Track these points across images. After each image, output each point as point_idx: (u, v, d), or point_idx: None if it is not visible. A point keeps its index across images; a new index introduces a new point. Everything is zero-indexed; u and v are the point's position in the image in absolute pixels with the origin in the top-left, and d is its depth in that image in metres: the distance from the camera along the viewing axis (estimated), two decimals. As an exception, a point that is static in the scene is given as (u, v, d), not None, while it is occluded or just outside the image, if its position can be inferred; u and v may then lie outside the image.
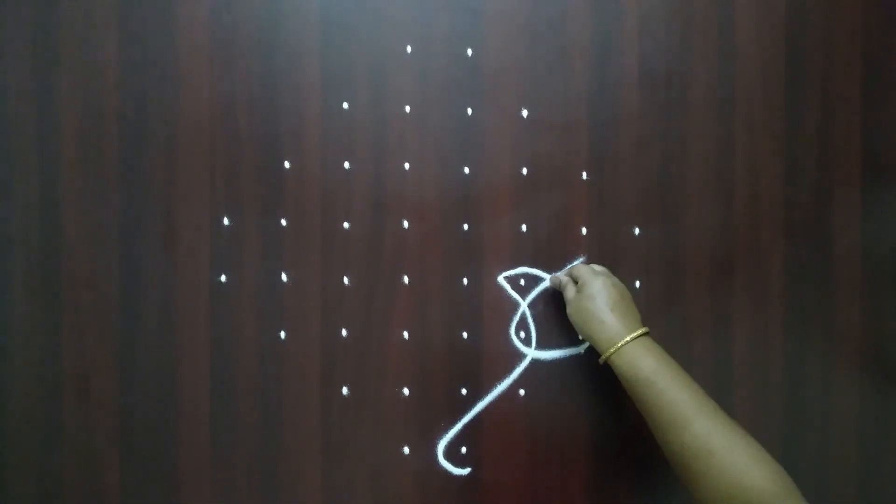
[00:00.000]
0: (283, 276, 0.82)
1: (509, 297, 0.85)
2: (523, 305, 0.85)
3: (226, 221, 0.82)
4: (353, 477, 0.83)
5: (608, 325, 0.74)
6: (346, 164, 0.83)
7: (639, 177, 0.87)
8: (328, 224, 0.83)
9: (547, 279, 0.86)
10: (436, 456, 0.84)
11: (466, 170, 0.84)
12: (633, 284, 0.87)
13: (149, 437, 0.81)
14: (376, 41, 0.83)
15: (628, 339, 0.72)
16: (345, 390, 0.83)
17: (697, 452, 0.65)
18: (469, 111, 0.84)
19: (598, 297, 0.76)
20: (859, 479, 0.90)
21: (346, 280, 0.83)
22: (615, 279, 0.79)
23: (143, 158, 0.81)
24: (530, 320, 0.85)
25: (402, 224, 0.84)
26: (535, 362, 0.85)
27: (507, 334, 0.85)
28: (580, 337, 0.81)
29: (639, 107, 0.87)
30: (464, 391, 0.85)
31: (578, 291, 0.78)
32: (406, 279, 0.84)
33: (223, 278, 0.82)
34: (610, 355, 0.73)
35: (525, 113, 0.85)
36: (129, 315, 0.81)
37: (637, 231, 0.87)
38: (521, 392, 0.85)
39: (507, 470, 0.85)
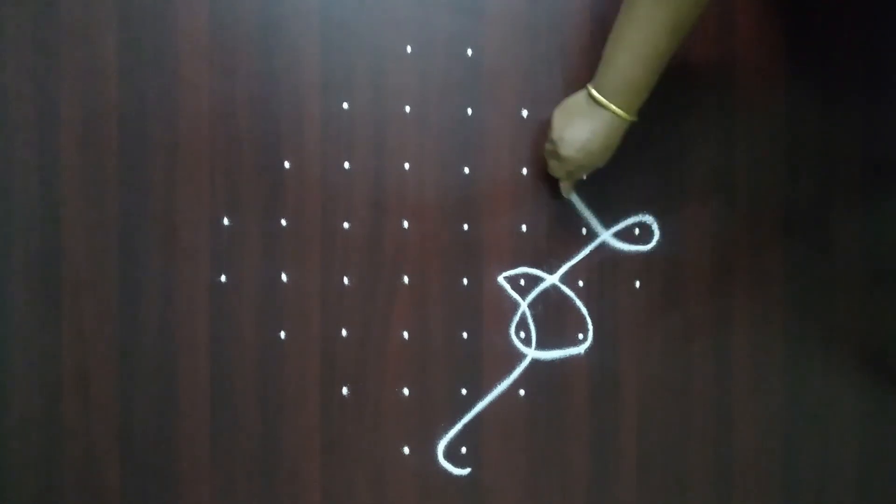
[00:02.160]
0: (283, 276, 0.82)
1: (509, 297, 0.85)
2: (523, 305, 0.85)
3: (226, 221, 0.82)
4: (353, 477, 0.83)
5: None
6: (346, 164, 0.83)
7: (639, 177, 0.87)
8: (328, 224, 0.83)
9: (547, 279, 0.86)
10: (436, 456, 0.84)
11: (466, 170, 0.84)
12: (634, 284, 0.87)
13: (149, 437, 0.81)
14: (376, 41, 0.83)
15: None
16: (345, 390, 0.83)
17: None
18: (469, 111, 0.84)
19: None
20: (859, 480, 0.90)
21: (346, 280, 0.83)
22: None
23: (143, 158, 0.81)
24: (530, 320, 0.85)
25: (402, 224, 0.84)
26: (535, 362, 0.85)
27: (507, 334, 0.85)
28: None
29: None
30: (464, 391, 0.85)
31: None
32: (406, 279, 0.84)
33: (223, 278, 0.82)
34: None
35: (525, 113, 0.85)
36: (129, 315, 0.81)
37: (637, 231, 0.87)
38: (521, 392, 0.85)
39: (507, 470, 0.85)
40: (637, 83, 0.72)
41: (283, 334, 0.82)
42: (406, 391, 0.84)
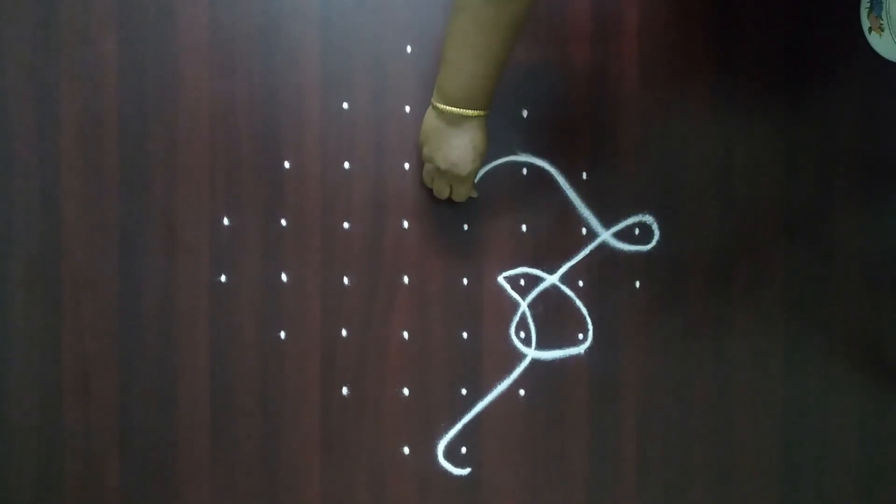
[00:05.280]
0: (283, 276, 0.82)
1: (509, 297, 0.85)
2: (523, 305, 0.85)
3: (226, 221, 0.82)
4: (353, 477, 0.83)
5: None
6: (346, 164, 0.83)
7: (639, 177, 0.87)
8: (328, 224, 0.83)
9: (547, 279, 0.86)
10: (436, 456, 0.84)
11: (466, 170, 0.84)
12: (634, 284, 0.87)
13: (149, 437, 0.81)
14: (376, 41, 0.83)
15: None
16: (345, 390, 0.83)
17: None
18: (469, 111, 0.84)
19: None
20: (859, 480, 0.90)
21: (346, 280, 0.83)
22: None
23: (143, 158, 0.81)
24: (530, 320, 0.85)
25: (402, 224, 0.84)
26: (535, 362, 0.85)
27: (507, 334, 0.85)
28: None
29: (639, 107, 0.87)
30: (464, 391, 0.85)
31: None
32: (406, 279, 0.84)
33: (223, 278, 0.82)
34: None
35: (525, 113, 0.85)
36: (129, 315, 0.81)
37: (637, 232, 0.87)
38: (521, 392, 0.85)
39: (507, 470, 0.85)
40: (481, 81, 0.71)
41: (283, 334, 0.82)
42: (406, 391, 0.84)
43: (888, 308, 0.90)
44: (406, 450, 0.84)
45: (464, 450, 0.84)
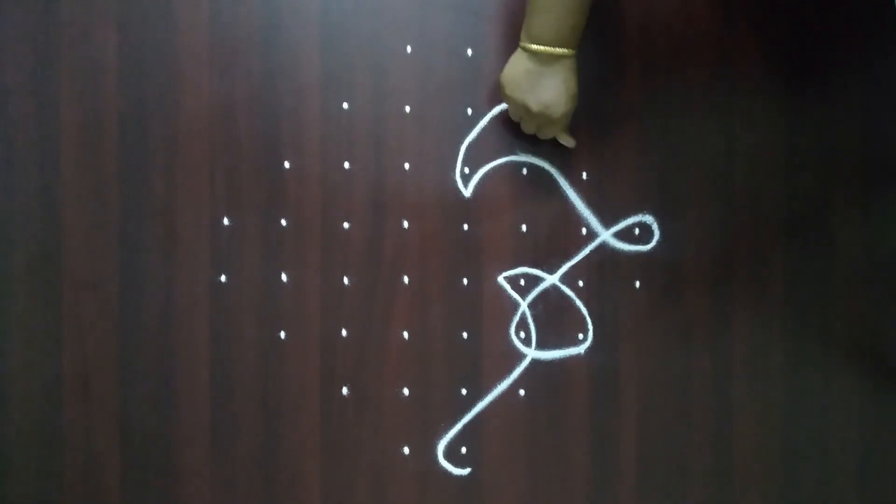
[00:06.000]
0: (283, 276, 0.82)
1: (509, 297, 0.85)
2: (523, 305, 0.85)
3: (226, 221, 0.82)
4: (353, 477, 0.83)
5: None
6: (346, 164, 0.83)
7: (639, 177, 0.87)
8: (328, 224, 0.83)
9: (547, 279, 0.86)
10: (436, 456, 0.84)
11: (467, 169, 0.85)
12: (634, 284, 0.87)
13: (149, 437, 0.81)
14: (376, 41, 0.83)
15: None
16: (345, 390, 0.83)
17: None
18: (469, 111, 0.84)
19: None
20: (859, 479, 0.90)
21: (346, 280, 0.83)
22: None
23: (143, 158, 0.81)
24: (530, 320, 0.85)
25: (402, 224, 0.84)
26: (535, 362, 0.85)
27: (507, 334, 0.85)
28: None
29: (639, 107, 0.87)
30: (464, 391, 0.85)
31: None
32: (406, 279, 0.84)
33: (223, 278, 0.82)
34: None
35: (525, 113, 0.85)
36: (129, 315, 0.81)
37: (637, 231, 0.87)
38: (521, 392, 0.85)
39: (507, 470, 0.85)
40: (571, 19, 0.72)
41: (283, 334, 0.82)
42: (406, 391, 0.84)
43: (888, 308, 0.90)
44: (406, 450, 0.84)
45: (464, 450, 0.84)
